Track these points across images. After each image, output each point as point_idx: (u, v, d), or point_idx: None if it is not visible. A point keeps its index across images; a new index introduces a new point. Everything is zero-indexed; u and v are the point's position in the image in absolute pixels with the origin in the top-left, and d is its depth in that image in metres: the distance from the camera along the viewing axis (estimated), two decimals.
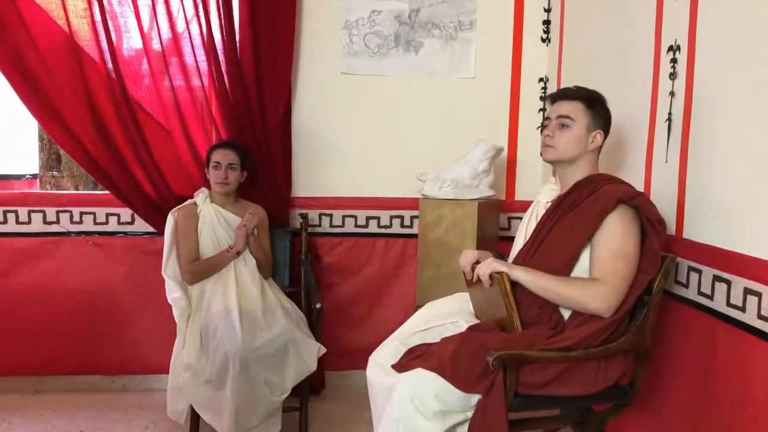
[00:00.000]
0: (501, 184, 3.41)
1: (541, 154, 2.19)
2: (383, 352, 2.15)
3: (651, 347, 2.10)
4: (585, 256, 2.05)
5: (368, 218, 3.43)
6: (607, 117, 2.19)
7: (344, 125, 3.36)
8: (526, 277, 2.01)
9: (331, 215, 3.43)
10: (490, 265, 2.04)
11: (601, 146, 2.17)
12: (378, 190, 3.41)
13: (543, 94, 3.41)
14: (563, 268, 2.03)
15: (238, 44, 3.14)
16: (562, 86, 3.16)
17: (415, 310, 2.42)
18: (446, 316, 2.24)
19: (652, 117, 2.34)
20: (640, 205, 1.99)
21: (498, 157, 3.20)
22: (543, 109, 3.41)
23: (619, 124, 2.59)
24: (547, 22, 3.36)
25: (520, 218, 3.41)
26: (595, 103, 2.16)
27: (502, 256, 2.35)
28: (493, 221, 3.24)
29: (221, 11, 3.08)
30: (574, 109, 2.13)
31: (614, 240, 1.97)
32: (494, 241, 3.30)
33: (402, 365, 2.02)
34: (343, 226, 3.43)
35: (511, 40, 3.38)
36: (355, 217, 3.43)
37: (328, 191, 3.35)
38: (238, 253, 2.89)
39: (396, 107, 3.38)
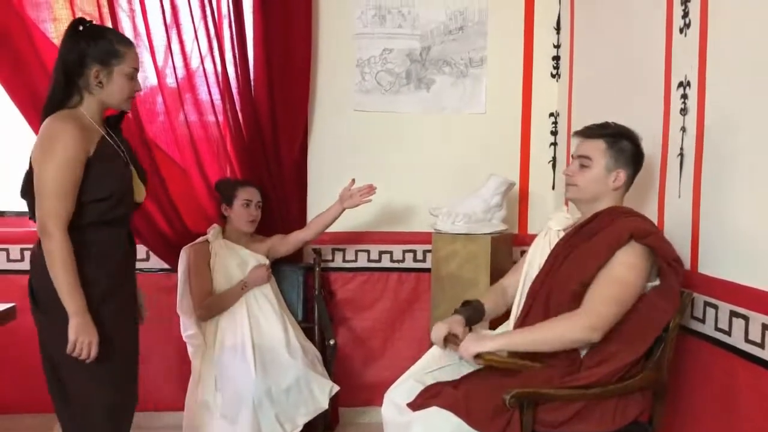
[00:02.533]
0: (513, 217, 3.42)
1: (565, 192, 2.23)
2: (398, 390, 2.14)
3: (669, 384, 2.08)
4: None
5: (381, 253, 3.44)
6: (634, 153, 2.16)
7: (357, 161, 3.39)
8: (506, 342, 2.03)
9: (344, 250, 3.44)
10: (468, 350, 2.02)
11: (626, 183, 2.17)
12: (391, 224, 3.42)
13: (554, 129, 3.43)
14: (573, 297, 2.03)
15: (252, 82, 3.19)
16: (573, 121, 3.20)
17: (430, 346, 2.42)
18: None
19: (663, 152, 2.36)
20: (653, 243, 1.99)
21: (510, 191, 3.21)
22: (554, 144, 3.44)
23: None
24: (556, 58, 3.40)
25: None
26: (618, 141, 2.14)
27: (476, 309, 2.33)
28: (506, 255, 3.24)
29: (235, 49, 3.14)
30: (594, 148, 2.14)
31: (616, 268, 1.98)
32: None
33: (418, 404, 2.01)
34: (356, 260, 3.44)
35: (521, 76, 3.42)
36: (368, 251, 3.44)
37: (341, 226, 3.36)
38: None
39: (408, 143, 3.41)
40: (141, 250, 3.31)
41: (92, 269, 2.02)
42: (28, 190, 2.03)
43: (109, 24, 3.02)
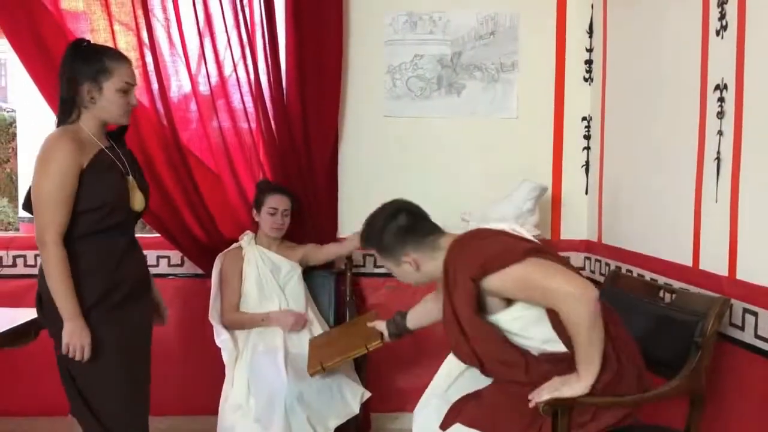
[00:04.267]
0: (546, 223, 3.40)
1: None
2: (425, 412, 2.12)
3: (707, 392, 2.04)
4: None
5: None
6: (394, 231, 2.05)
7: (388, 167, 3.40)
8: (593, 372, 1.86)
9: (375, 255, 3.44)
10: (552, 394, 1.86)
11: (420, 245, 2.04)
12: None
13: (587, 133, 3.40)
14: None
15: (284, 88, 3.22)
16: (606, 125, 3.17)
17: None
18: None
19: (699, 156, 2.32)
20: (490, 271, 1.88)
21: (542, 196, 3.19)
22: (587, 148, 3.40)
23: (664, 162, 2.57)
24: (589, 62, 3.37)
25: (567, 257, 3.41)
26: (372, 244, 2.09)
27: (396, 324, 2.41)
28: None
29: (268, 56, 3.18)
30: (385, 262, 2.10)
31: (517, 288, 1.88)
32: None
33: (446, 424, 2.00)
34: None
35: (554, 80, 3.40)
36: None
37: None
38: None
39: (439, 148, 3.41)
40: (176, 255, 3.37)
41: (84, 278, 2.12)
42: (28, 203, 2.17)
43: (144, 34, 3.09)
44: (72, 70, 2.14)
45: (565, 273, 1.85)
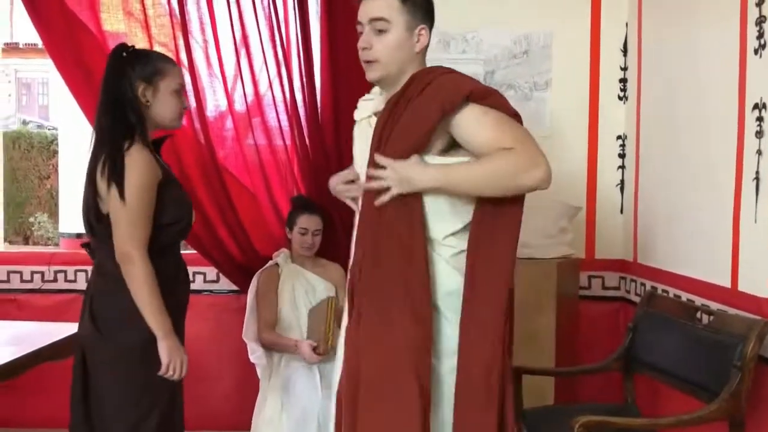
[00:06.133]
0: (580, 242, 3.36)
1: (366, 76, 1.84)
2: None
3: (746, 416, 2.00)
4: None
5: None
6: (428, 2, 1.84)
7: None
8: (445, 178, 1.70)
9: None
10: (397, 183, 1.69)
11: (428, 45, 1.83)
12: None
13: (621, 152, 3.37)
14: None
15: (319, 107, 3.26)
16: (641, 144, 3.14)
17: None
18: None
19: (738, 175, 2.29)
20: (495, 104, 1.73)
21: (576, 216, 3.17)
22: (622, 167, 3.37)
23: (702, 181, 2.54)
24: (623, 80, 3.35)
25: (601, 277, 3.39)
26: None
27: None
28: (572, 280, 3.18)
29: (303, 75, 3.22)
30: (386, 6, 1.76)
31: (485, 127, 1.70)
32: (574, 301, 3.24)
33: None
34: None
35: (588, 99, 3.38)
36: None
37: None
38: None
39: None
40: (212, 272, 3.42)
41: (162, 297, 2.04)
42: (97, 217, 2.06)
43: (183, 54, 3.16)
44: (124, 74, 2.05)
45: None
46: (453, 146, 1.75)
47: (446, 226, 1.75)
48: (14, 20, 11.30)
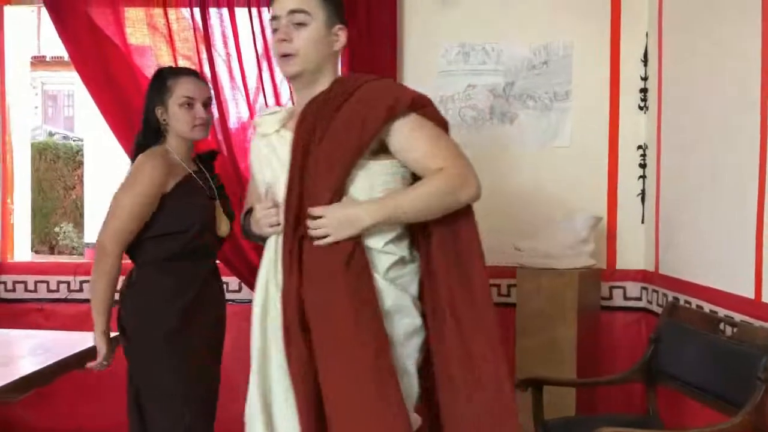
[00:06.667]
0: (601, 253, 3.35)
1: (282, 71, 1.81)
2: None
3: None
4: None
5: None
6: (343, 5, 1.80)
7: None
8: (393, 208, 1.68)
9: None
10: (338, 233, 1.66)
11: (343, 47, 1.81)
12: None
13: (642, 162, 3.36)
14: (334, 195, 1.68)
15: None
16: (662, 154, 3.12)
17: (516, 383, 2.38)
18: None
19: (761, 185, 2.27)
20: (432, 115, 1.75)
21: (597, 226, 3.16)
22: (643, 177, 3.36)
23: (724, 191, 2.52)
24: (644, 90, 3.34)
25: (623, 287, 3.37)
26: None
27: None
28: (594, 291, 3.17)
29: None
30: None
31: (422, 140, 1.71)
32: (596, 311, 3.23)
33: None
34: None
35: (608, 109, 3.37)
36: None
37: None
38: None
39: (492, 177, 3.39)
40: (234, 281, 3.45)
41: (162, 306, 2.17)
42: None
43: (206, 67, 3.21)
44: (147, 97, 2.26)
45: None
46: (382, 150, 1.73)
47: (385, 233, 1.72)
48: (41, 34, 11.54)
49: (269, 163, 1.79)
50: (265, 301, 1.76)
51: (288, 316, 1.67)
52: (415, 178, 1.77)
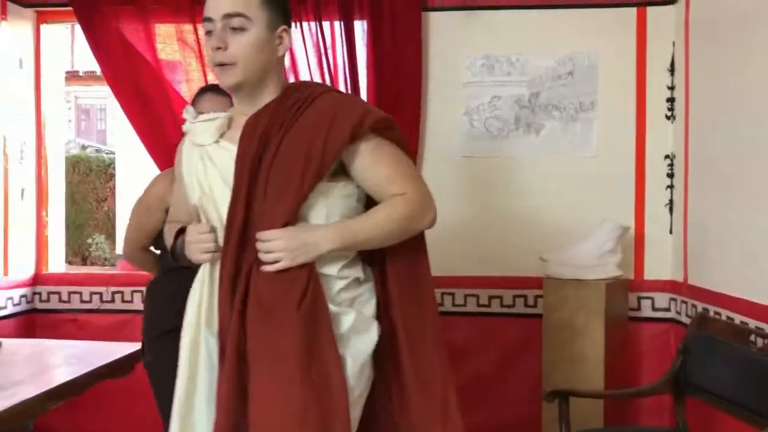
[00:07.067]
0: (629, 263, 3.32)
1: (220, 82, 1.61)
2: None
3: None
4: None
5: (491, 297, 3.44)
6: (286, 3, 1.63)
7: (467, 205, 3.43)
8: (346, 234, 1.56)
9: (453, 294, 3.46)
10: (295, 258, 1.51)
11: (288, 49, 1.64)
12: (500, 269, 3.41)
13: (670, 171, 3.33)
14: (290, 219, 1.52)
15: None
16: (690, 163, 3.10)
17: (543, 394, 2.37)
18: None
19: None
20: (394, 136, 1.63)
21: (624, 236, 3.14)
22: (671, 186, 3.33)
23: (754, 200, 2.49)
24: (671, 100, 3.32)
25: (651, 298, 3.34)
26: None
27: None
28: (621, 302, 3.15)
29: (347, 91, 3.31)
30: (244, 1, 1.53)
31: (384, 164, 1.60)
32: (624, 322, 3.21)
33: None
34: (465, 305, 3.45)
35: (634, 118, 3.36)
36: (477, 296, 3.45)
37: (450, 270, 3.40)
38: None
39: (517, 187, 3.42)
40: None
41: (164, 309, 2.30)
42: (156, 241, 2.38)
43: None
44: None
45: None
46: (341, 170, 1.60)
47: (340, 258, 1.59)
48: (75, 49, 11.81)
49: (206, 177, 1.59)
50: (195, 335, 1.59)
51: (227, 352, 1.50)
52: (369, 199, 1.66)
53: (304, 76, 3.33)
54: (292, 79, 3.31)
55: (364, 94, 3.34)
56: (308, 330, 1.47)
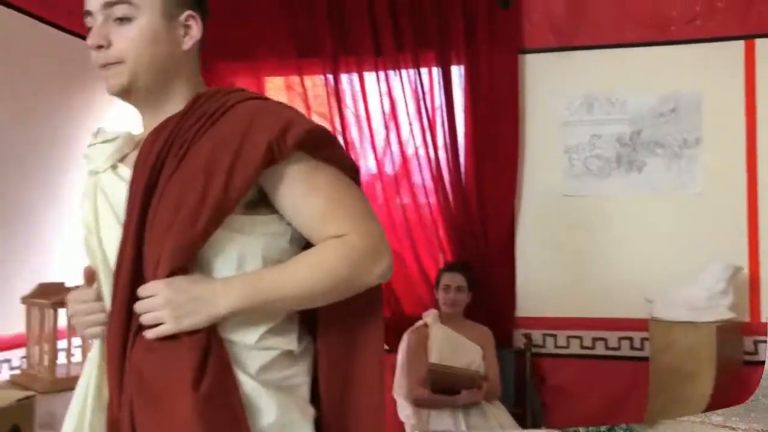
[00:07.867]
0: (744, 304, 3.16)
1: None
2: None
3: None
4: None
5: (594, 339, 3.36)
6: None
7: (568, 245, 3.39)
8: (253, 291, 1.11)
9: (555, 336, 3.41)
10: (174, 316, 1.08)
11: (201, 40, 1.23)
12: (604, 310, 3.33)
13: None
14: (180, 261, 1.09)
15: (462, 169, 3.39)
16: None
17: None
18: None
19: None
20: (332, 156, 1.18)
21: (737, 276, 3.00)
22: None
23: None
24: None
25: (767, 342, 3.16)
26: None
27: None
28: (735, 346, 3.01)
29: (447, 141, 3.39)
30: None
31: (316, 194, 1.15)
32: (738, 366, 3.05)
33: None
34: (568, 347, 3.39)
35: (744, 153, 3.23)
36: (581, 338, 3.37)
37: (552, 311, 3.35)
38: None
39: (621, 226, 3.35)
40: None
41: None
42: None
43: (337, 122, 3.45)
44: None
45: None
46: (263, 200, 1.17)
47: (260, 322, 1.15)
48: None
49: (95, 216, 1.19)
50: (80, 422, 1.18)
51: None
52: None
53: (402, 123, 3.43)
54: (392, 126, 3.43)
55: (461, 137, 3.41)
56: (211, 421, 1.05)
